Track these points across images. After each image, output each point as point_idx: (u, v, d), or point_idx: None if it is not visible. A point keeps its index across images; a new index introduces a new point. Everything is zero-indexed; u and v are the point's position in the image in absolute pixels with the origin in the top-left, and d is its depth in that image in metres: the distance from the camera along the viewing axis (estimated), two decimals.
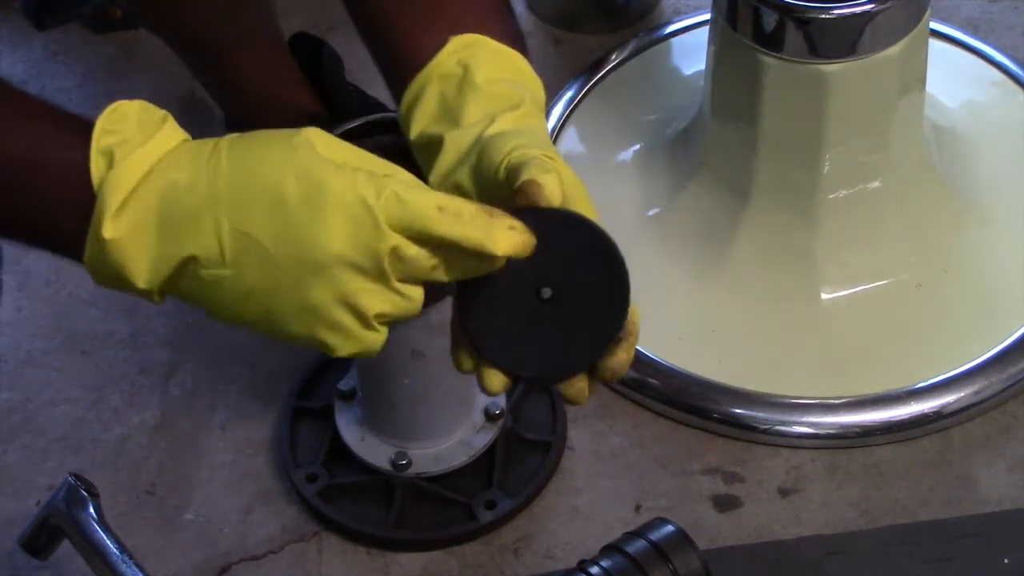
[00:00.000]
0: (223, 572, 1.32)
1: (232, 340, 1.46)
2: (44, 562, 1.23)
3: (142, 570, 1.17)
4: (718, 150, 1.45)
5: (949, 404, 1.36)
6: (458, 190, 0.92)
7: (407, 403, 1.30)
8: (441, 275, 0.85)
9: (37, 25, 1.55)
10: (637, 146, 1.55)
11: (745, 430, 1.37)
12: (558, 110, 1.59)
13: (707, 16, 1.44)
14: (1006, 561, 1.28)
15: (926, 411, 1.36)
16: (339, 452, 1.34)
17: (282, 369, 1.43)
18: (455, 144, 0.93)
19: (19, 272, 1.50)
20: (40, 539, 1.21)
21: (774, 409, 1.37)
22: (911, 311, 1.42)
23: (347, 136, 1.30)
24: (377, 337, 0.85)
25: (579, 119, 1.59)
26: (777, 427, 1.36)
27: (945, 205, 1.46)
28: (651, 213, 1.50)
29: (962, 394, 1.37)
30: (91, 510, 1.19)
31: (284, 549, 1.33)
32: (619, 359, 0.89)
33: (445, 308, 1.22)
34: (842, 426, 1.36)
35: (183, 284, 0.84)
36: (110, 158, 0.82)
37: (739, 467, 1.36)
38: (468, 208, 0.83)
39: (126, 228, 0.82)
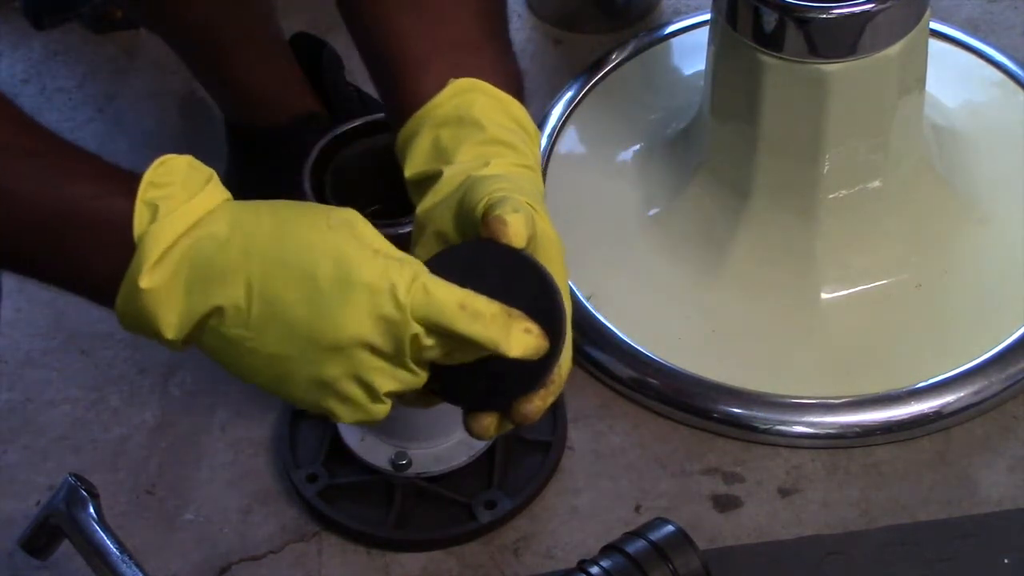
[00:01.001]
0: (223, 572, 1.32)
1: None
2: (44, 562, 1.23)
3: (142, 570, 1.17)
4: (718, 150, 1.45)
5: (949, 404, 1.36)
6: (438, 227, 0.94)
7: None
8: (451, 360, 0.88)
9: (36, 25, 1.55)
10: (637, 146, 1.55)
11: (745, 430, 1.37)
12: (558, 110, 1.59)
13: (707, 16, 1.44)
14: (1006, 561, 1.28)
15: (926, 411, 1.36)
16: (339, 452, 1.34)
17: None
18: (446, 182, 0.95)
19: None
20: (40, 539, 1.21)
21: (774, 409, 1.37)
22: (911, 311, 1.42)
23: (347, 136, 1.30)
24: (383, 408, 0.89)
25: (579, 119, 1.59)
26: (777, 427, 1.37)
27: (945, 205, 1.46)
28: (651, 213, 1.50)
29: (962, 394, 1.37)
30: (91, 510, 1.19)
31: (284, 549, 1.33)
32: (534, 406, 0.90)
33: None
34: (842, 426, 1.36)
35: (206, 338, 0.86)
36: (154, 211, 0.84)
37: (739, 467, 1.36)
38: (489, 308, 0.85)
39: (161, 279, 0.84)
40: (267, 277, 0.84)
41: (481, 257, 0.89)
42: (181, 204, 0.85)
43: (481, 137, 0.97)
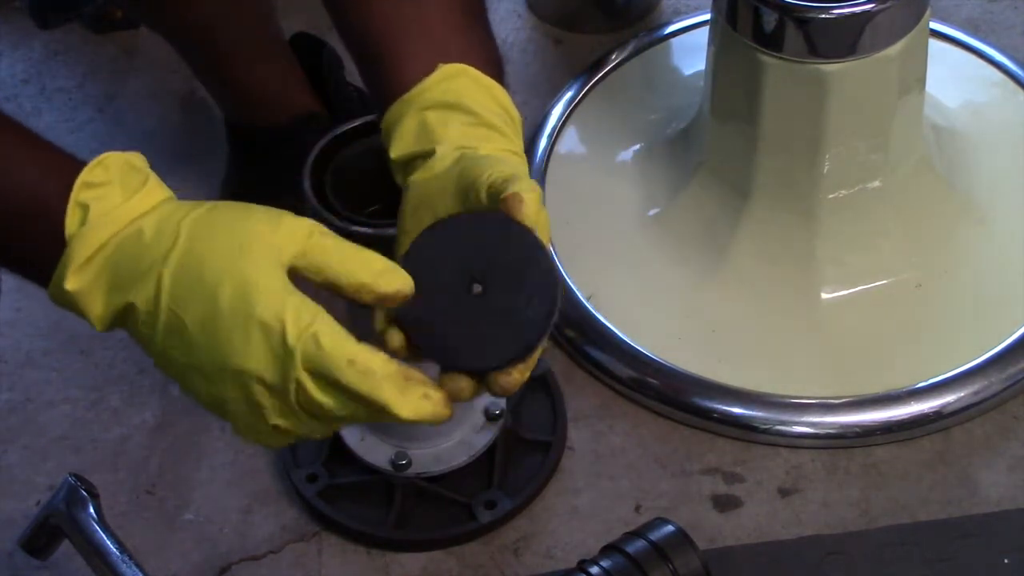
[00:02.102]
0: (223, 572, 1.32)
1: None
2: (44, 562, 1.23)
3: (142, 570, 1.17)
4: (718, 150, 1.45)
5: (949, 404, 1.36)
6: (432, 199, 0.96)
7: None
8: (344, 421, 0.88)
9: (41, 24, 1.55)
10: (637, 146, 1.56)
11: (745, 430, 1.37)
12: (558, 110, 1.59)
13: (707, 16, 1.45)
14: (1006, 561, 1.28)
15: (926, 411, 1.36)
16: (339, 452, 1.34)
17: None
18: (441, 158, 0.97)
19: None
20: (40, 539, 1.21)
21: (774, 409, 1.37)
22: (911, 311, 1.42)
23: (347, 136, 1.30)
24: (280, 439, 0.89)
25: (579, 119, 1.59)
26: (777, 427, 1.37)
27: (945, 205, 1.46)
28: (651, 213, 1.50)
29: (962, 394, 1.37)
30: (91, 510, 1.19)
31: (284, 549, 1.33)
32: (512, 379, 0.91)
33: None
34: (842, 426, 1.36)
35: (129, 328, 0.89)
36: (85, 212, 0.86)
37: (739, 467, 1.36)
38: (383, 367, 0.85)
39: (85, 281, 0.87)
40: (175, 289, 0.86)
41: (481, 229, 0.91)
42: (115, 206, 0.86)
43: (470, 121, 0.98)
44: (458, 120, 0.98)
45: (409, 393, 0.86)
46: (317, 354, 0.85)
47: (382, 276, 0.88)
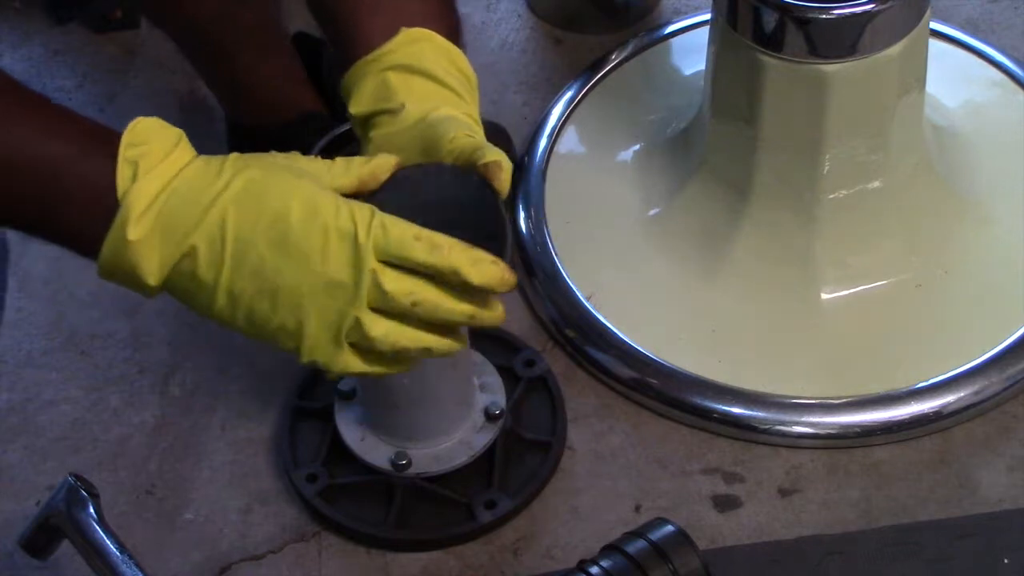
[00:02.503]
0: (223, 572, 1.32)
1: (232, 340, 1.46)
2: (44, 562, 1.23)
3: (142, 570, 1.17)
4: (718, 150, 1.45)
5: (949, 404, 1.36)
6: (396, 153, 1.01)
7: (407, 403, 1.30)
8: (418, 312, 0.92)
9: (56, 19, 1.54)
10: (637, 146, 1.56)
11: (745, 430, 1.37)
12: (558, 110, 1.59)
13: (707, 16, 1.45)
14: (1006, 561, 1.28)
15: (926, 411, 1.36)
16: (339, 452, 1.34)
17: (282, 369, 1.43)
18: (407, 115, 1.02)
19: (19, 272, 1.50)
20: (40, 539, 1.21)
21: (774, 409, 1.37)
22: (911, 311, 1.42)
23: (347, 136, 1.30)
24: (348, 361, 0.93)
25: (579, 119, 1.59)
26: (777, 427, 1.37)
27: (945, 205, 1.46)
28: (651, 213, 1.50)
29: (962, 394, 1.37)
30: (91, 510, 1.19)
31: (284, 549, 1.33)
32: (489, 268, 0.96)
33: None
34: (842, 426, 1.36)
35: (180, 281, 0.91)
36: (135, 168, 0.89)
37: (739, 467, 1.36)
38: (447, 240, 0.91)
39: (145, 231, 0.89)
40: (241, 218, 0.90)
41: (441, 179, 0.98)
42: (158, 161, 0.89)
43: (430, 84, 1.03)
44: (419, 82, 1.03)
45: (477, 260, 0.91)
46: (387, 241, 0.90)
47: None
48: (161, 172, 0.89)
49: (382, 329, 0.93)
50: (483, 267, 0.92)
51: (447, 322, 0.94)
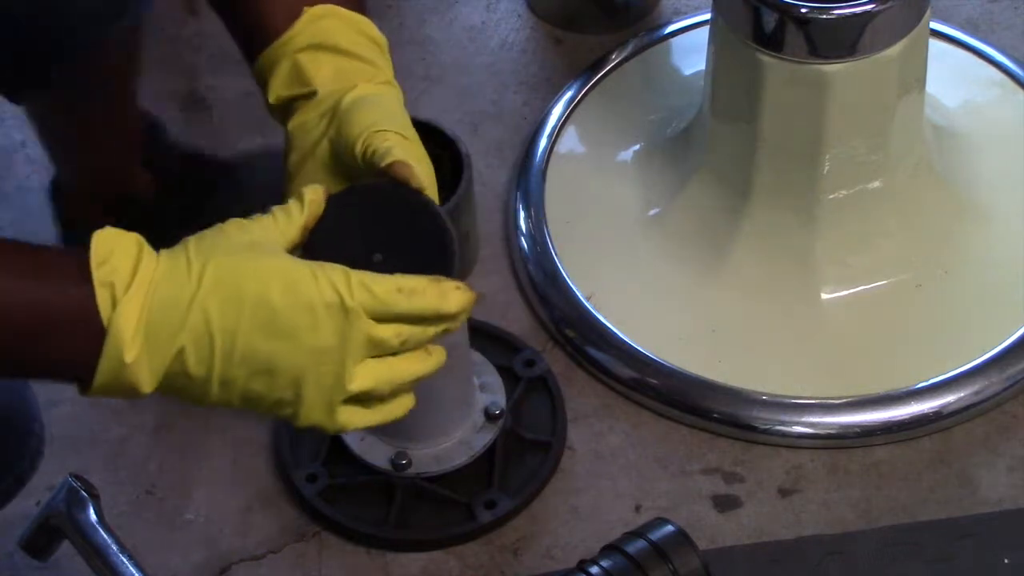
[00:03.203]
0: (223, 572, 1.32)
1: None
2: (44, 563, 1.23)
3: (142, 570, 1.17)
4: (718, 150, 1.45)
5: (949, 404, 1.36)
6: (310, 146, 1.03)
7: None
8: (407, 349, 0.95)
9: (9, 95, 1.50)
10: (637, 146, 1.56)
11: (745, 430, 1.37)
12: (558, 110, 1.59)
13: (707, 16, 1.45)
14: (1006, 561, 1.28)
15: (926, 411, 1.36)
16: (339, 452, 1.34)
17: None
18: (319, 102, 1.03)
19: None
20: (40, 540, 1.21)
21: (774, 409, 1.37)
22: (911, 311, 1.42)
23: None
24: (353, 416, 0.96)
25: (579, 119, 1.59)
26: (777, 427, 1.37)
27: (945, 205, 1.46)
28: (651, 213, 1.50)
29: (962, 394, 1.37)
30: (91, 511, 1.18)
31: (284, 549, 1.33)
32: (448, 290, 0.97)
33: None
34: (842, 426, 1.36)
35: (173, 381, 0.93)
36: (111, 291, 0.89)
37: (739, 467, 1.36)
38: (420, 284, 0.94)
39: (137, 351, 0.90)
40: (223, 311, 0.91)
41: (382, 200, 0.98)
42: (130, 276, 0.90)
43: (341, 58, 1.04)
44: (329, 60, 1.04)
45: (447, 292, 0.94)
46: (373, 301, 0.92)
47: None
48: (137, 288, 0.90)
49: (378, 376, 0.95)
50: (453, 297, 0.95)
51: (431, 341, 0.97)
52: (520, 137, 1.59)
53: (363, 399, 0.96)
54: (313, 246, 0.96)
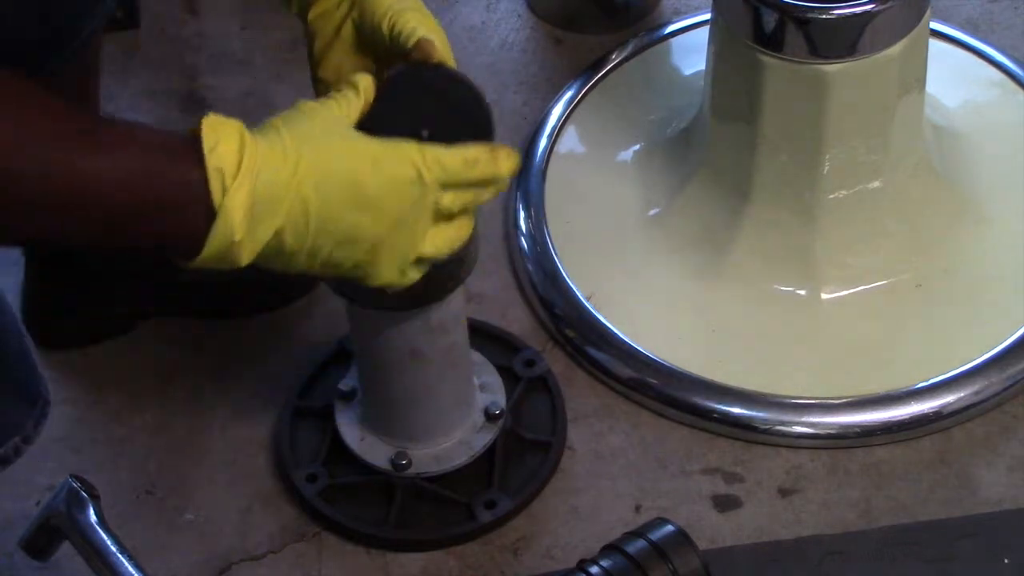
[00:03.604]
0: (223, 572, 1.32)
1: (232, 340, 1.46)
2: (44, 563, 1.23)
3: (142, 570, 1.17)
4: (718, 150, 1.45)
5: (949, 404, 1.36)
6: (332, 33, 1.11)
7: (407, 403, 1.30)
8: (465, 210, 1.06)
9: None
10: (637, 146, 1.56)
11: (745, 430, 1.37)
12: (558, 110, 1.59)
13: (707, 16, 1.45)
14: (1006, 561, 1.28)
15: (926, 411, 1.36)
16: (339, 452, 1.34)
17: (282, 369, 1.43)
18: None
19: (18, 272, 1.50)
20: (40, 540, 1.21)
21: (774, 409, 1.37)
22: (911, 311, 1.42)
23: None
24: (412, 276, 1.06)
25: (579, 119, 1.59)
26: (777, 427, 1.37)
27: (945, 205, 1.46)
28: (651, 213, 1.50)
29: (962, 394, 1.37)
30: (91, 511, 1.19)
31: (284, 549, 1.33)
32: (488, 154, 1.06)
33: (445, 308, 1.23)
34: (842, 426, 1.36)
35: (266, 254, 0.99)
36: (221, 176, 0.95)
37: (739, 467, 1.36)
38: (479, 153, 1.04)
39: (244, 230, 0.96)
40: (317, 194, 0.98)
41: (421, 81, 1.06)
42: (236, 161, 0.96)
43: None
44: None
45: (499, 159, 1.04)
46: (444, 174, 1.02)
47: None
48: (244, 174, 0.96)
49: (441, 243, 1.05)
50: (505, 161, 1.05)
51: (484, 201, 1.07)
52: (520, 137, 1.59)
53: (424, 259, 1.05)
54: (370, 129, 1.02)
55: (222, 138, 0.96)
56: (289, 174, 0.97)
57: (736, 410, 1.37)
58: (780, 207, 1.42)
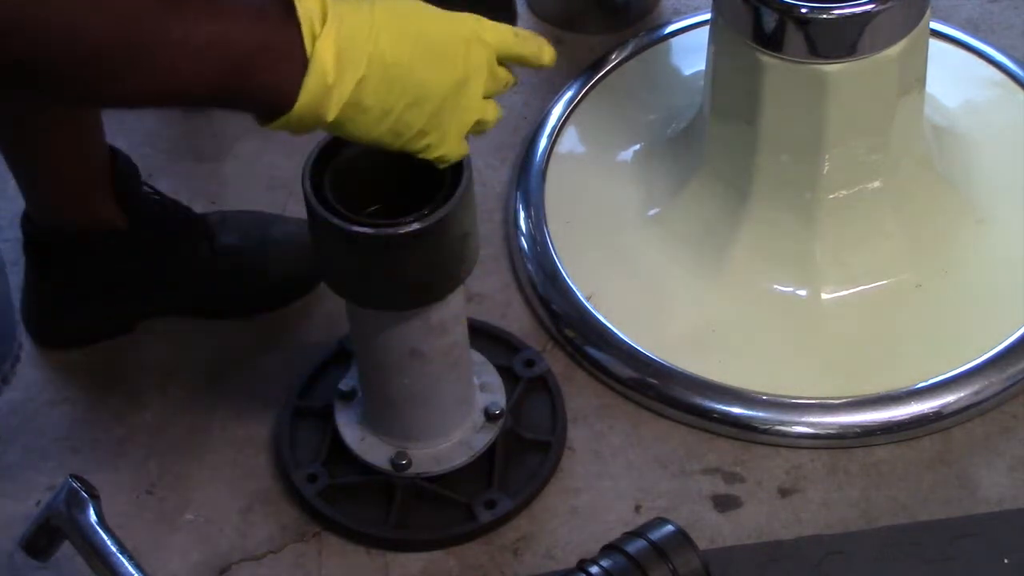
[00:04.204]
0: (223, 572, 1.32)
1: (232, 340, 1.46)
2: (44, 563, 1.23)
3: (142, 570, 1.17)
4: (718, 150, 1.45)
5: (949, 404, 1.36)
6: None
7: (407, 403, 1.30)
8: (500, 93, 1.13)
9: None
10: (637, 146, 1.56)
11: (745, 430, 1.37)
12: (558, 110, 1.59)
13: (707, 16, 1.45)
14: (1006, 561, 1.28)
15: (926, 411, 1.36)
16: (339, 452, 1.34)
17: (282, 369, 1.43)
18: None
19: (19, 272, 1.50)
20: (41, 540, 1.21)
21: (774, 409, 1.37)
22: (911, 311, 1.42)
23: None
24: (464, 148, 1.13)
25: (579, 119, 1.59)
26: (777, 427, 1.37)
27: (945, 205, 1.46)
28: (651, 213, 1.50)
29: (962, 394, 1.37)
30: (91, 512, 1.19)
31: (284, 549, 1.33)
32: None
33: (445, 308, 1.23)
34: (842, 426, 1.36)
35: (347, 112, 1.04)
36: (311, 28, 1.01)
37: (739, 467, 1.36)
38: (525, 34, 1.12)
39: (335, 75, 1.02)
40: (393, 45, 1.03)
41: None
42: (322, 15, 1.01)
43: None
44: None
45: (543, 45, 1.13)
46: (500, 41, 1.10)
47: None
48: (330, 23, 1.01)
49: (489, 111, 1.11)
50: (547, 50, 1.13)
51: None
52: (520, 137, 1.59)
53: (481, 124, 1.12)
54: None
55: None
56: (368, 26, 1.03)
57: (736, 410, 1.37)
58: (780, 207, 1.42)
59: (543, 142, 1.56)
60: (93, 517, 1.19)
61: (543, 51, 1.13)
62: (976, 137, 1.52)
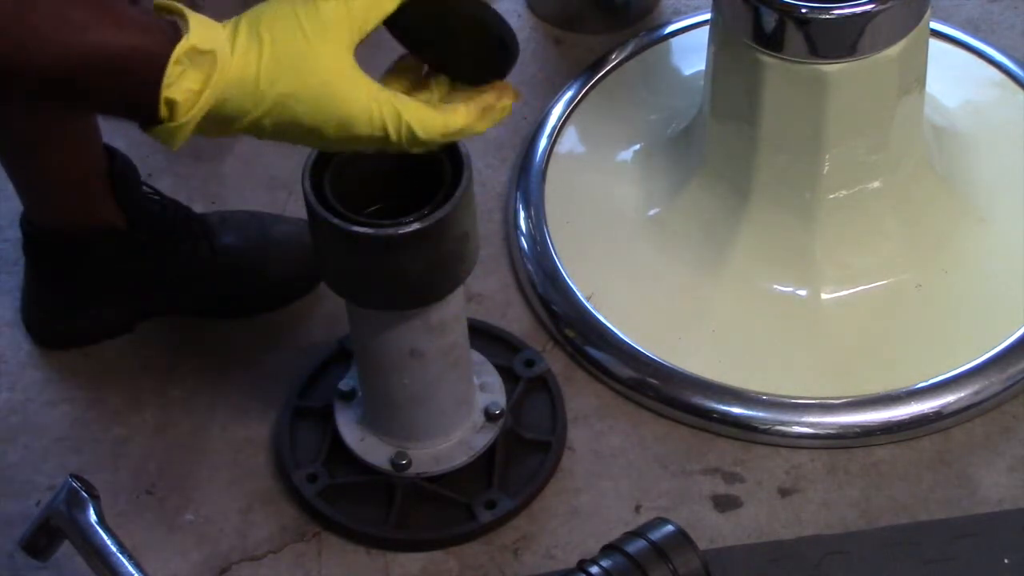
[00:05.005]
0: (223, 572, 1.32)
1: (232, 340, 1.46)
2: (44, 563, 1.23)
3: (142, 570, 1.17)
4: (718, 150, 1.45)
5: (949, 404, 1.36)
6: None
7: (407, 403, 1.30)
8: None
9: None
10: (637, 146, 1.56)
11: (745, 430, 1.37)
12: (558, 110, 1.59)
13: (707, 16, 1.45)
14: (1006, 561, 1.28)
15: (926, 411, 1.36)
16: (339, 452, 1.34)
17: (282, 369, 1.43)
18: None
19: (18, 272, 1.50)
20: (41, 540, 1.21)
21: (774, 409, 1.37)
22: (911, 311, 1.42)
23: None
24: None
25: (579, 119, 1.59)
26: (777, 427, 1.37)
27: (945, 205, 1.46)
28: (651, 213, 1.50)
29: (962, 394, 1.37)
30: (91, 511, 1.19)
31: (284, 549, 1.33)
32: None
33: (445, 308, 1.23)
34: (842, 426, 1.36)
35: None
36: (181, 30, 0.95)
37: (739, 467, 1.36)
38: (463, 120, 1.03)
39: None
40: (277, 130, 0.98)
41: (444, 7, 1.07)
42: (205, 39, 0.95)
43: None
44: None
45: (483, 116, 1.05)
46: (413, 140, 1.00)
47: None
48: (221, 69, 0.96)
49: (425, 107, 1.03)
50: (490, 116, 1.06)
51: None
52: (520, 137, 1.59)
53: None
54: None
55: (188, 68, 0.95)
56: (254, 106, 0.96)
57: (736, 410, 1.37)
58: (780, 207, 1.42)
59: (543, 142, 1.56)
60: (93, 517, 1.19)
61: (480, 127, 1.05)
62: (976, 137, 1.52)
